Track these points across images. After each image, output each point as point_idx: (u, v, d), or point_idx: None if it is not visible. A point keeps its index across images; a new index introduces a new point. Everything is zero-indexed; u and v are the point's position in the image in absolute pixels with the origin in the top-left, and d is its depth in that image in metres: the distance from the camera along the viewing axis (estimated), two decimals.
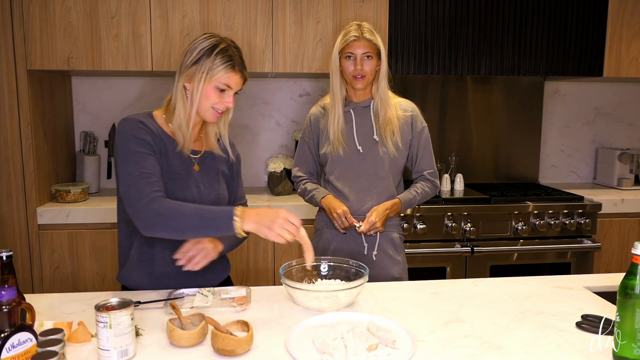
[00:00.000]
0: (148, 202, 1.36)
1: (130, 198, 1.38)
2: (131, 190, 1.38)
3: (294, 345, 1.18)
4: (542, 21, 2.79)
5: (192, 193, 1.52)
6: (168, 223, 1.34)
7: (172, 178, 1.49)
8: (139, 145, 1.43)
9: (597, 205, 2.76)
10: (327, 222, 2.01)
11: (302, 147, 2.08)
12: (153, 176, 1.41)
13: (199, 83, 1.45)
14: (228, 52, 1.46)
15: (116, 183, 1.49)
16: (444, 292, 1.54)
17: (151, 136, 1.46)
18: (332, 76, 1.93)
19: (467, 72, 2.78)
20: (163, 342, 1.20)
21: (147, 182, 1.39)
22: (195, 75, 1.46)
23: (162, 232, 1.36)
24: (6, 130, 2.47)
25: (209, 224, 1.34)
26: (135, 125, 1.46)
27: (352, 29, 1.89)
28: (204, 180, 1.56)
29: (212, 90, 1.46)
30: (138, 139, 1.43)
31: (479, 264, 2.69)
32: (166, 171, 1.48)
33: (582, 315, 1.34)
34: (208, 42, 1.47)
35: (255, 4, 2.59)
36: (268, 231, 1.31)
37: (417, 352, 1.16)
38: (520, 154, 3.30)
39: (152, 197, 1.37)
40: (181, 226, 1.34)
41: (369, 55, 1.87)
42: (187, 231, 1.36)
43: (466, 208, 2.66)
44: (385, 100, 1.93)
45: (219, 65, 1.44)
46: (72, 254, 2.53)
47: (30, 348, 1.03)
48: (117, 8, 2.51)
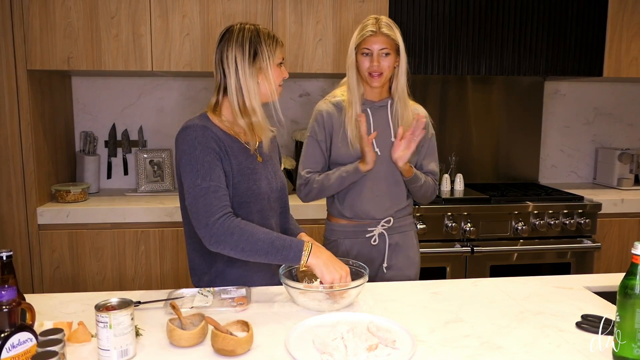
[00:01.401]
0: (219, 219, 1.38)
1: (199, 211, 1.39)
2: (199, 203, 1.39)
3: (294, 345, 1.18)
4: (542, 21, 2.79)
5: (264, 184, 1.54)
6: (238, 243, 1.37)
7: (245, 174, 1.50)
8: (206, 154, 1.42)
9: (597, 205, 2.76)
10: (344, 232, 1.91)
11: (312, 147, 1.90)
12: (221, 189, 1.42)
13: (269, 69, 1.48)
14: (263, 32, 1.49)
15: (179, 195, 1.51)
16: (444, 292, 1.54)
17: (215, 140, 1.44)
18: (348, 73, 1.84)
19: (467, 72, 2.78)
20: (163, 342, 1.20)
21: (215, 196, 1.40)
22: (262, 63, 1.48)
23: (229, 250, 1.39)
24: (6, 130, 2.47)
25: (278, 251, 1.39)
26: (200, 132, 1.43)
27: (369, 23, 1.79)
28: (268, 169, 1.59)
29: (276, 69, 1.51)
30: (205, 147, 1.42)
31: (479, 264, 2.69)
32: (237, 169, 1.48)
33: (582, 315, 1.34)
34: (244, 32, 1.47)
35: (255, 4, 2.60)
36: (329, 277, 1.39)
37: (417, 352, 1.16)
38: (520, 154, 3.30)
39: (223, 213, 1.39)
40: (250, 248, 1.38)
41: (386, 52, 1.78)
42: (254, 254, 1.39)
43: (466, 208, 2.66)
44: (403, 100, 1.85)
45: (273, 46, 1.49)
46: (72, 254, 2.53)
47: (30, 348, 1.03)
48: (117, 8, 2.51)
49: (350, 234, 1.91)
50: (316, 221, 2.59)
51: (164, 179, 2.96)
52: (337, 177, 1.83)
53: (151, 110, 3.03)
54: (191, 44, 2.57)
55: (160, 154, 2.97)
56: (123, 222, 2.54)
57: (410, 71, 1.72)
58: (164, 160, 2.97)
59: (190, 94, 3.03)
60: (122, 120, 3.03)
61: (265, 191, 1.54)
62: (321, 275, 1.40)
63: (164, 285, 2.58)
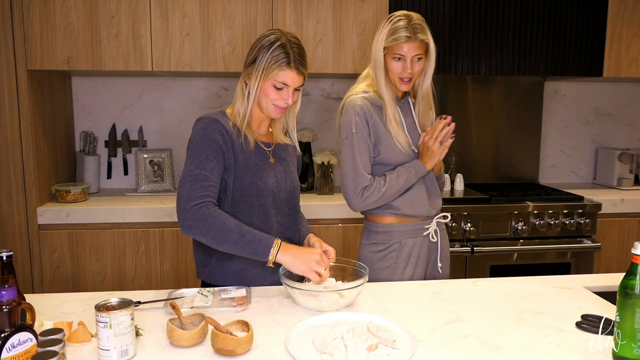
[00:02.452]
0: (196, 205, 1.41)
1: (182, 195, 1.43)
2: (184, 187, 1.44)
3: (294, 345, 1.18)
4: (542, 21, 2.79)
5: (271, 182, 1.57)
6: (209, 231, 1.40)
7: (251, 168, 1.53)
8: (208, 146, 1.47)
9: (597, 205, 2.76)
10: (405, 232, 1.82)
11: (363, 144, 1.75)
12: (210, 180, 1.46)
13: (256, 81, 1.49)
14: (285, 49, 1.47)
15: None
16: (444, 292, 1.54)
17: (222, 134, 1.49)
18: (376, 74, 1.75)
19: (467, 72, 2.78)
20: (163, 342, 1.20)
21: (201, 184, 1.44)
22: (253, 73, 1.49)
23: (200, 236, 1.42)
24: (6, 130, 2.47)
25: (247, 244, 1.41)
26: (210, 124, 1.49)
27: (401, 26, 1.67)
28: (279, 170, 1.60)
29: (269, 87, 1.49)
30: (209, 138, 1.48)
31: (479, 264, 2.69)
32: (243, 163, 1.52)
33: (582, 315, 1.34)
34: (266, 39, 1.49)
35: (255, 4, 2.60)
36: (304, 265, 1.40)
37: (417, 352, 1.16)
38: (520, 154, 3.30)
39: (202, 201, 1.42)
40: (220, 237, 1.41)
41: (420, 56, 1.70)
42: (223, 244, 1.42)
43: (466, 208, 2.66)
44: (427, 100, 1.83)
45: (273, 63, 1.46)
46: (72, 254, 2.53)
47: (30, 348, 1.03)
48: (117, 8, 2.51)
49: (410, 233, 1.83)
50: (329, 221, 2.60)
51: (164, 179, 2.96)
52: (405, 179, 1.76)
53: (151, 110, 3.03)
54: (191, 44, 2.57)
55: (160, 154, 2.97)
56: (123, 222, 2.54)
57: None
58: (164, 160, 2.97)
59: (190, 94, 3.03)
60: (122, 120, 3.03)
61: (271, 188, 1.56)
62: (300, 270, 1.41)
63: (164, 285, 2.58)
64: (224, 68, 2.60)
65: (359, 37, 2.67)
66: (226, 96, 3.01)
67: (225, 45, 2.59)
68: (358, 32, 2.67)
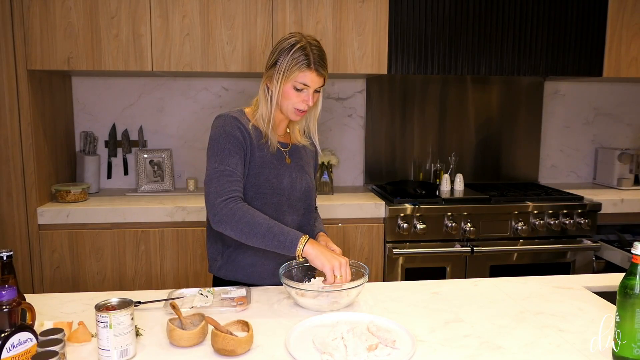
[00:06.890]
0: (225, 200, 1.46)
1: (210, 191, 1.48)
2: (212, 184, 1.48)
3: (294, 345, 1.18)
4: (542, 21, 2.79)
5: (286, 181, 1.60)
6: (238, 225, 1.44)
7: (267, 167, 1.58)
8: (229, 142, 1.51)
9: (597, 205, 2.76)
10: None
11: None
12: (235, 175, 1.50)
13: (277, 84, 1.52)
14: (305, 51, 1.50)
15: None
16: (444, 292, 1.54)
17: (241, 132, 1.53)
18: None
19: (467, 72, 2.78)
20: (163, 342, 1.21)
21: (228, 179, 1.48)
22: (274, 76, 1.52)
23: (230, 230, 1.46)
24: (6, 130, 2.47)
25: (275, 236, 1.43)
26: (229, 121, 1.54)
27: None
28: (295, 170, 1.64)
29: (290, 90, 1.53)
30: (229, 135, 1.52)
31: (479, 264, 2.69)
32: (259, 161, 1.56)
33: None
34: (287, 42, 1.52)
35: (255, 4, 2.59)
36: (327, 262, 1.40)
37: (417, 352, 1.16)
38: (520, 154, 3.30)
39: (231, 195, 1.47)
40: (249, 230, 1.43)
41: None
42: (252, 237, 1.44)
43: (466, 208, 2.66)
44: None
45: (294, 65, 1.50)
46: (72, 254, 2.53)
47: (30, 348, 1.03)
48: (117, 8, 2.51)
49: None
50: (329, 221, 2.60)
51: (164, 179, 2.96)
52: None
53: (151, 110, 3.03)
54: (191, 44, 2.57)
55: (160, 154, 2.97)
56: (123, 222, 2.54)
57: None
58: (164, 160, 2.97)
59: (190, 94, 3.03)
60: (122, 120, 3.03)
61: (285, 187, 1.60)
62: (321, 264, 1.41)
63: (164, 285, 2.58)
64: (224, 68, 2.60)
65: (359, 37, 2.67)
66: (226, 96, 3.01)
67: (225, 45, 2.59)
68: (358, 32, 2.67)
